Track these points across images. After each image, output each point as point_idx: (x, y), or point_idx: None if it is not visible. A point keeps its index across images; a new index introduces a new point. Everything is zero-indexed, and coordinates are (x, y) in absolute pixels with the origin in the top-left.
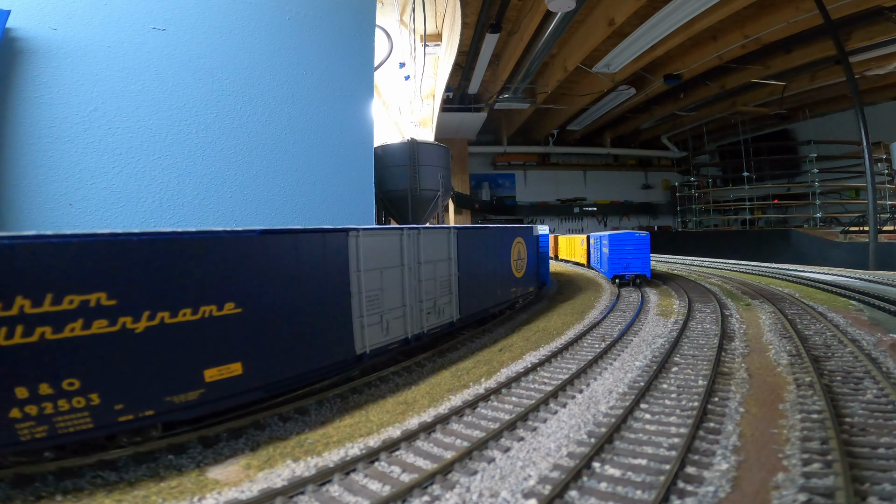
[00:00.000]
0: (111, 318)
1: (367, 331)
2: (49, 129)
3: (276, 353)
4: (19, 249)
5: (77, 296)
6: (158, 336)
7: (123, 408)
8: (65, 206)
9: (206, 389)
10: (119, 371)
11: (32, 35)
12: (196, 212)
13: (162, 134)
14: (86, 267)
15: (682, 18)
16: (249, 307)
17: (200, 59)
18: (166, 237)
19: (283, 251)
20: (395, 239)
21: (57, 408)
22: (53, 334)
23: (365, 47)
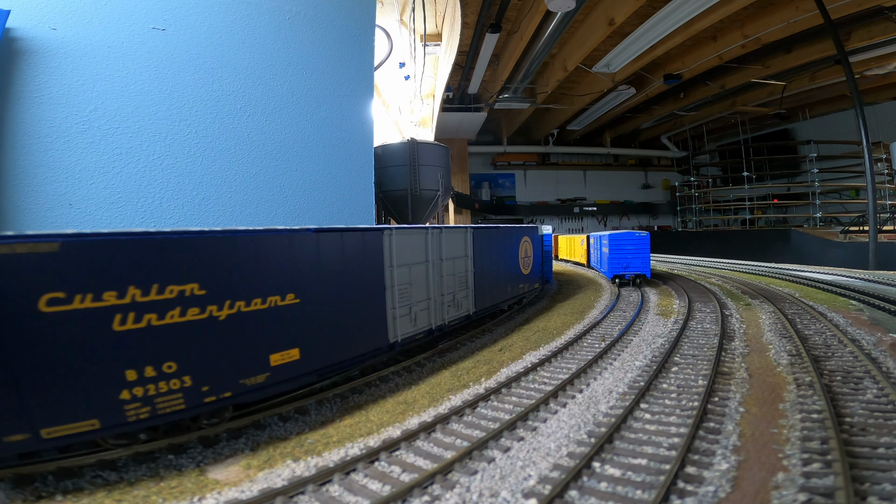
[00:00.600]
0: (201, 306)
1: (399, 321)
2: (49, 129)
3: (325, 340)
4: (132, 244)
5: (176, 286)
6: (236, 323)
7: (208, 390)
8: (65, 206)
9: (271, 373)
10: (206, 355)
11: (32, 35)
12: (196, 212)
13: (162, 134)
14: (182, 260)
15: (682, 18)
16: (306, 298)
17: (200, 59)
18: (245, 234)
19: (331, 248)
20: (421, 237)
21: (158, 389)
22: (158, 321)
23: (365, 47)
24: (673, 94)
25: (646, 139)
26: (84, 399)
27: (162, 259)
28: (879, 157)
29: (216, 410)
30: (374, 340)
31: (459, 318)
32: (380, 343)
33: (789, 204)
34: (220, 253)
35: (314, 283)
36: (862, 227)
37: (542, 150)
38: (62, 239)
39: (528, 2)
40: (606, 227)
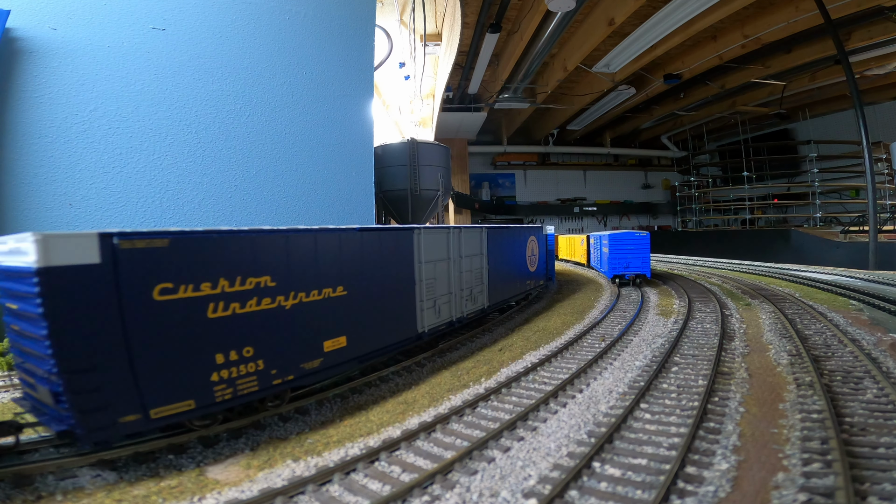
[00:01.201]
0: (273, 296)
1: (426, 313)
2: (49, 129)
3: (367, 329)
4: (223, 240)
5: (254, 278)
6: (298, 312)
7: (276, 373)
8: (65, 205)
9: (324, 358)
10: (275, 340)
11: (32, 35)
12: (196, 212)
13: (162, 134)
14: (259, 255)
15: (682, 18)
16: (352, 290)
17: (200, 59)
18: (306, 232)
19: (371, 245)
20: (443, 236)
21: (239, 372)
22: (240, 309)
23: (365, 47)
24: (673, 94)
25: (646, 139)
26: (183, 381)
27: (244, 253)
28: (879, 157)
29: (280, 392)
30: (406, 330)
31: (476, 312)
32: (410, 333)
33: (789, 204)
34: (286, 248)
35: (358, 277)
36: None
37: (542, 150)
38: (171, 236)
39: (528, 2)
40: (606, 227)
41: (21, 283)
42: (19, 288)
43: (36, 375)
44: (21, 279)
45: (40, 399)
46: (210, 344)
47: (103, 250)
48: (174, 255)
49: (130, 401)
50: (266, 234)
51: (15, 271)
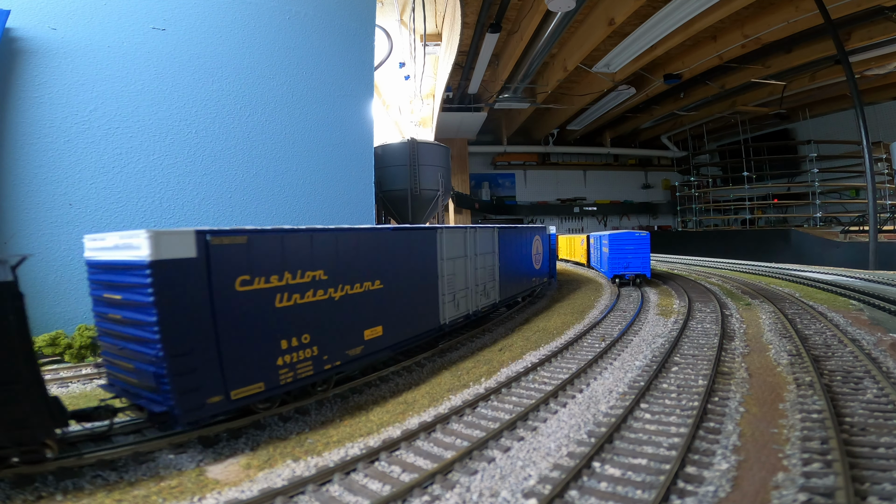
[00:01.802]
0: (325, 288)
1: (447, 306)
2: (49, 129)
3: (399, 320)
4: (289, 238)
5: (311, 272)
6: (344, 303)
7: (327, 358)
8: (65, 205)
9: (364, 346)
10: (326, 329)
11: (32, 35)
12: (196, 212)
13: (162, 134)
14: (315, 250)
15: (682, 18)
16: (387, 284)
17: (200, 59)
18: (351, 230)
19: (401, 243)
20: (461, 235)
21: (298, 357)
22: (300, 300)
23: (365, 47)
24: (673, 94)
25: (646, 139)
26: (256, 365)
27: (304, 249)
28: (879, 157)
29: (327, 378)
30: (430, 321)
31: (488, 306)
32: (434, 324)
33: (789, 204)
34: (335, 245)
35: (392, 272)
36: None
37: (542, 150)
38: (248, 233)
39: (528, 2)
40: (606, 227)
41: (130, 275)
42: (127, 279)
43: (137, 360)
44: (131, 271)
45: (138, 383)
46: (277, 331)
47: (199, 246)
48: (251, 251)
49: (216, 383)
50: (320, 232)
51: (123, 264)
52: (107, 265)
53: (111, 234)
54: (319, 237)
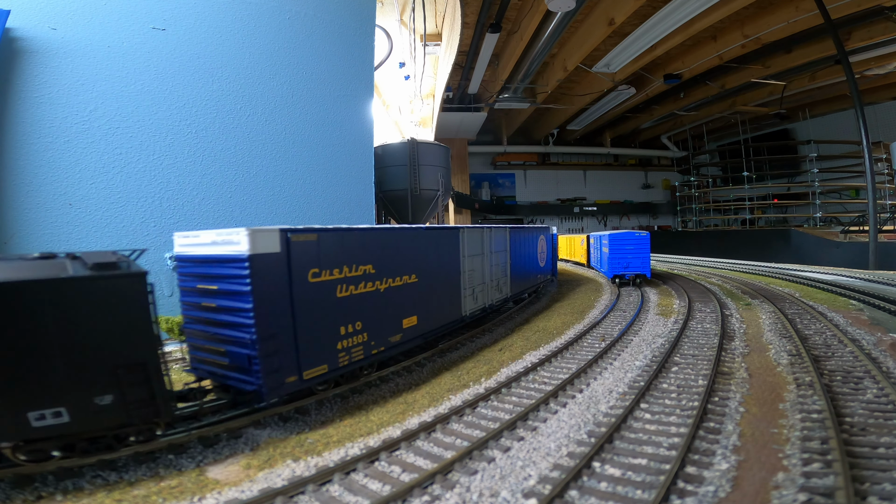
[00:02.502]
0: (373, 281)
1: (467, 299)
2: (49, 129)
3: (430, 311)
4: (348, 236)
5: (363, 266)
6: (388, 294)
7: (374, 344)
8: (65, 205)
9: (403, 334)
10: (373, 317)
11: (32, 35)
12: (196, 212)
13: (162, 134)
14: (366, 247)
15: (682, 18)
16: (421, 278)
17: (200, 59)
18: (394, 229)
19: (431, 240)
20: (479, 234)
21: (352, 342)
22: (354, 290)
23: (365, 47)
24: (673, 94)
25: (646, 139)
26: (321, 348)
27: (357, 246)
28: (879, 157)
29: (372, 363)
30: (455, 313)
31: (501, 300)
32: (457, 315)
33: (789, 204)
34: (381, 242)
35: (424, 267)
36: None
37: (542, 150)
38: (317, 231)
39: (528, 2)
40: (606, 227)
41: (230, 267)
42: (225, 271)
43: (229, 344)
44: (230, 264)
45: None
46: (337, 318)
47: (282, 242)
48: (319, 247)
49: (292, 364)
50: (370, 230)
51: (222, 258)
52: (203, 259)
53: (205, 232)
54: (370, 235)
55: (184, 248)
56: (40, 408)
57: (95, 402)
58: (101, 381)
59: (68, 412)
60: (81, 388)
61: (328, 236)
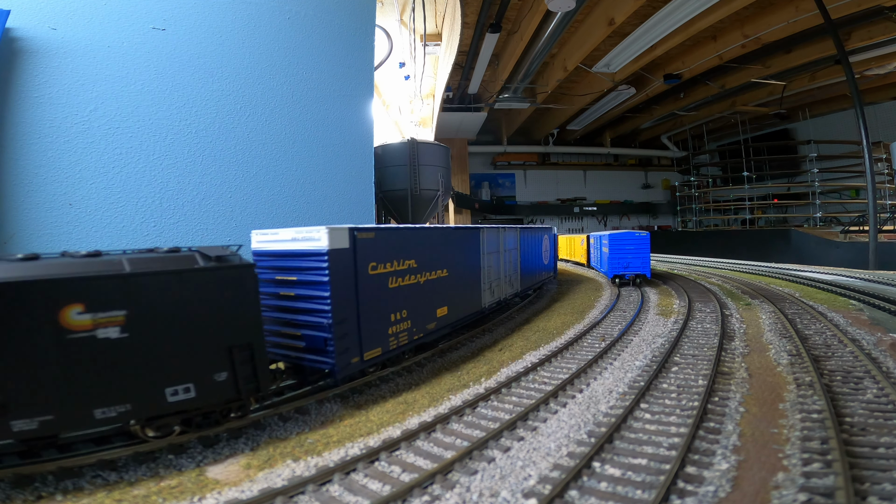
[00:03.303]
0: (415, 274)
1: (485, 293)
2: (49, 129)
3: (457, 302)
4: (396, 234)
5: (408, 261)
6: (426, 286)
7: (415, 330)
8: (65, 205)
9: (436, 322)
10: (415, 307)
11: (32, 35)
12: (196, 212)
13: (162, 134)
14: (409, 244)
15: (682, 18)
16: (450, 272)
17: (200, 59)
18: (430, 228)
19: (457, 239)
20: (495, 233)
21: (399, 328)
22: (402, 282)
23: (365, 47)
24: (673, 94)
25: (646, 139)
26: (377, 333)
27: (403, 242)
28: (879, 157)
29: (412, 348)
30: (475, 305)
31: (512, 295)
32: (477, 307)
33: (789, 204)
34: (421, 240)
35: (453, 263)
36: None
37: (542, 150)
38: (374, 230)
39: (528, 2)
40: (606, 227)
41: (310, 260)
42: (306, 264)
43: (306, 329)
44: (311, 257)
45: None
46: (389, 306)
47: (350, 239)
48: (376, 243)
49: (356, 346)
50: (413, 229)
51: (303, 252)
52: (283, 253)
53: (283, 230)
54: (413, 233)
55: (261, 245)
56: (174, 384)
57: (214, 378)
58: (219, 360)
59: (195, 388)
60: (205, 365)
61: (382, 234)
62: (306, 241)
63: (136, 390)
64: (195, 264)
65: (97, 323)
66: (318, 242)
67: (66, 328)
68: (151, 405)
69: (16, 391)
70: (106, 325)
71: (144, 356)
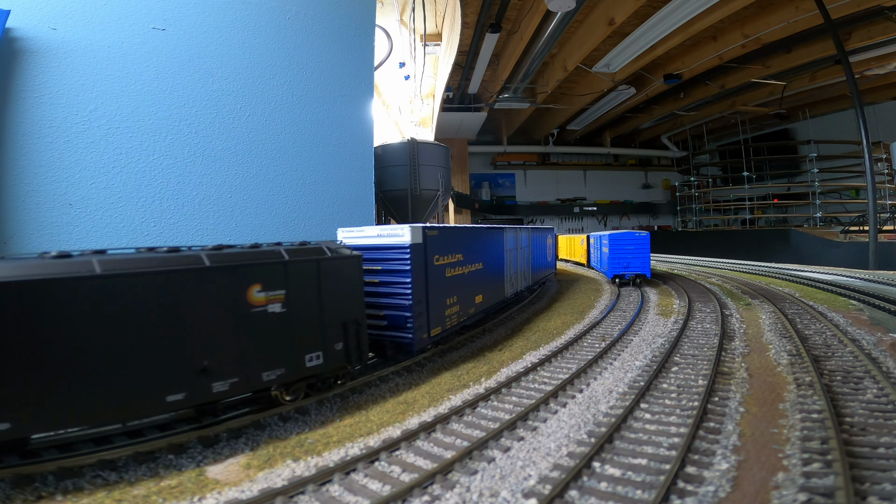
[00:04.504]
0: (462, 266)
1: (507, 285)
2: (49, 129)
3: (489, 292)
4: (449, 232)
5: (457, 255)
6: (468, 277)
7: (462, 314)
8: (65, 205)
9: (475, 308)
10: (462, 294)
11: (32, 35)
12: (196, 211)
13: (162, 134)
14: (458, 240)
15: (682, 18)
16: (483, 266)
17: (200, 59)
18: (471, 227)
19: (488, 237)
20: (514, 232)
21: (451, 312)
22: (454, 273)
23: (365, 47)
24: (673, 94)
25: (646, 139)
26: (438, 313)
27: (454, 239)
28: (879, 157)
29: (457, 330)
30: (501, 295)
31: (526, 287)
32: (502, 297)
33: (789, 204)
34: (464, 237)
35: (486, 258)
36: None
37: (542, 150)
38: (437, 229)
39: (528, 2)
40: (606, 227)
41: (395, 252)
42: (391, 255)
43: (388, 310)
44: (396, 250)
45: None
46: (446, 292)
47: (423, 236)
48: (438, 240)
49: (425, 324)
50: (461, 228)
51: (389, 246)
52: (369, 247)
53: (368, 228)
54: (460, 231)
55: (346, 240)
56: (311, 352)
57: (335, 347)
58: (337, 332)
59: (323, 355)
60: (329, 336)
61: (442, 232)
62: (391, 237)
63: (288, 357)
64: (324, 254)
65: (269, 299)
66: (402, 238)
67: (250, 303)
68: (297, 369)
69: (215, 357)
70: (274, 302)
71: (294, 328)
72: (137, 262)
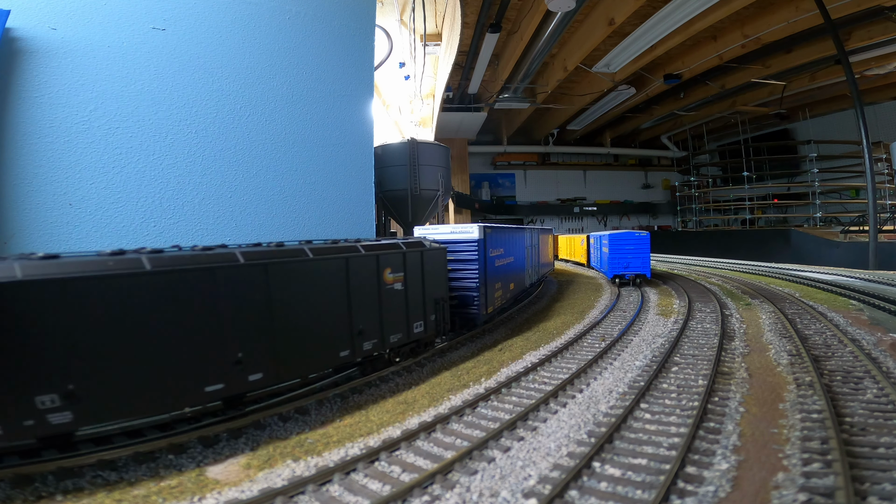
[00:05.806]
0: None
1: (526, 276)
2: (49, 129)
3: (517, 280)
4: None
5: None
6: (506, 267)
7: (502, 298)
8: (65, 205)
9: (509, 294)
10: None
11: (32, 35)
12: (196, 211)
13: (162, 134)
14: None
15: (682, 18)
16: (514, 259)
17: (200, 59)
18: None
19: (517, 235)
20: (530, 232)
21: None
22: (499, 263)
23: (365, 47)
24: (673, 94)
25: (646, 139)
26: (491, 295)
27: (500, 236)
28: (879, 157)
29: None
30: (523, 285)
31: (536, 280)
32: (523, 287)
33: (789, 204)
34: (504, 235)
35: (515, 253)
36: (862, 227)
37: (542, 150)
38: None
39: (528, 2)
40: (606, 227)
41: (466, 245)
42: (463, 248)
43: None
44: (467, 244)
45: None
46: (496, 278)
47: (483, 233)
48: (492, 236)
49: (484, 303)
50: (502, 227)
51: (462, 241)
52: (445, 242)
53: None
54: (502, 230)
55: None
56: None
57: (430, 318)
58: (431, 307)
59: (423, 324)
60: (427, 309)
61: (493, 230)
62: (462, 234)
63: (403, 324)
64: (425, 246)
65: (395, 279)
66: (472, 234)
67: (385, 282)
68: (409, 335)
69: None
70: (397, 282)
71: (409, 302)
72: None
